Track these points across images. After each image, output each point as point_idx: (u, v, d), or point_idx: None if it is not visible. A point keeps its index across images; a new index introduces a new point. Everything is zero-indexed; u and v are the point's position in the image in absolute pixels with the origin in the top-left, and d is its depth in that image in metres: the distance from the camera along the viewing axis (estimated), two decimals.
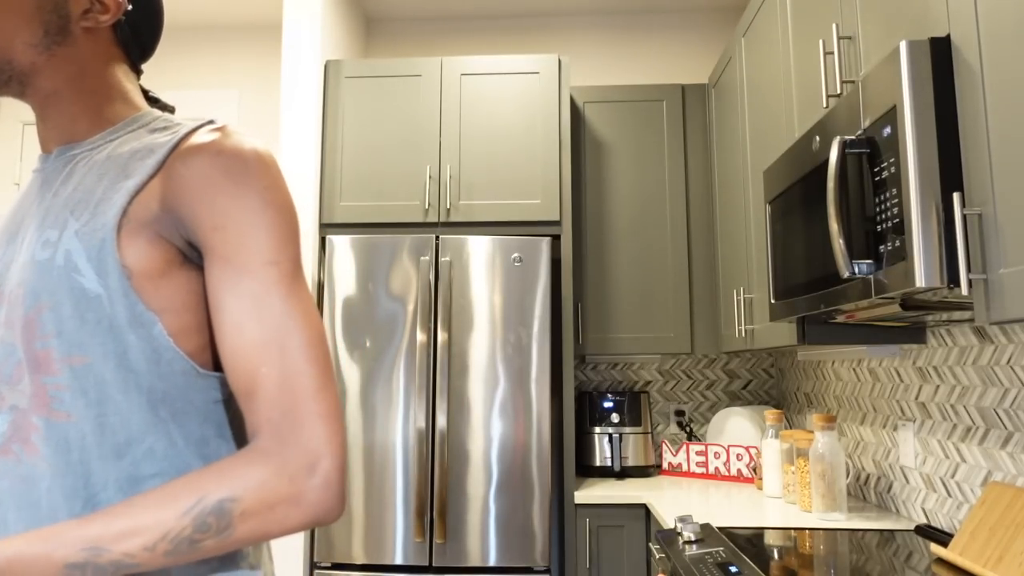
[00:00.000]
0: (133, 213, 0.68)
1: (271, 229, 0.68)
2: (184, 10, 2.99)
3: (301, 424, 0.65)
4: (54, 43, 0.72)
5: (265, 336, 0.66)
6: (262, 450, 0.64)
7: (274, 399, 0.65)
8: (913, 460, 1.77)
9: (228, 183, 0.68)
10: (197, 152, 0.69)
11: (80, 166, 0.74)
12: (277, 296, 0.67)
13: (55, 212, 0.71)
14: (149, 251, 0.68)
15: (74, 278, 0.66)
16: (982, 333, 1.51)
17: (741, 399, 2.85)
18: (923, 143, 1.06)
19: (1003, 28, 0.95)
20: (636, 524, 2.26)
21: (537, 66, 2.47)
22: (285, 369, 0.65)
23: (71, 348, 0.66)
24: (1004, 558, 1.25)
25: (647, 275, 2.65)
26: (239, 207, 0.67)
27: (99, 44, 0.76)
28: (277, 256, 0.68)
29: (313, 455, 0.64)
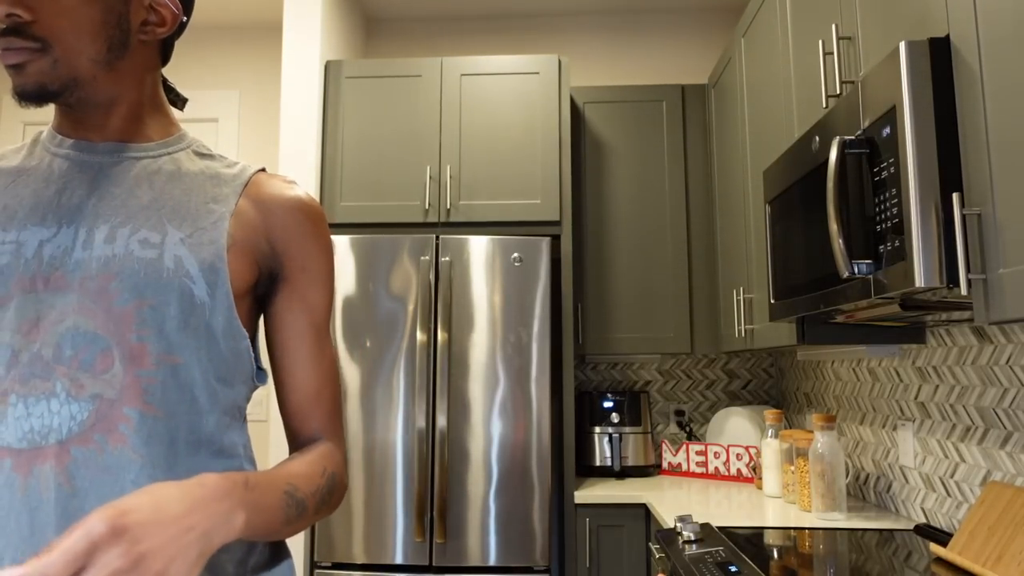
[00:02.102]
0: (235, 234, 0.76)
1: (332, 280, 0.85)
2: None
3: (341, 436, 0.86)
4: (116, 58, 0.75)
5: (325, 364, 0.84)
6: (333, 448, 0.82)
7: (332, 414, 0.84)
8: (912, 460, 1.77)
9: (315, 234, 0.83)
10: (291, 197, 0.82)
11: (146, 172, 0.77)
12: (326, 333, 0.85)
13: (144, 214, 0.73)
14: (248, 272, 0.77)
15: (185, 283, 0.71)
16: (981, 333, 1.52)
17: (741, 399, 2.86)
18: (922, 143, 1.06)
19: (1003, 28, 0.95)
20: (636, 524, 2.26)
21: (537, 66, 2.47)
22: (334, 396, 0.84)
23: (170, 347, 0.70)
24: (1003, 557, 1.26)
25: (647, 275, 2.66)
26: (321, 258, 0.83)
27: (149, 54, 0.80)
28: (330, 301, 0.85)
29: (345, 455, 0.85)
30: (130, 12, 0.75)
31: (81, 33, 0.71)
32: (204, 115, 3.03)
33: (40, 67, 0.70)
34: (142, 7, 0.76)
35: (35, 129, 3.05)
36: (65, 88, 0.72)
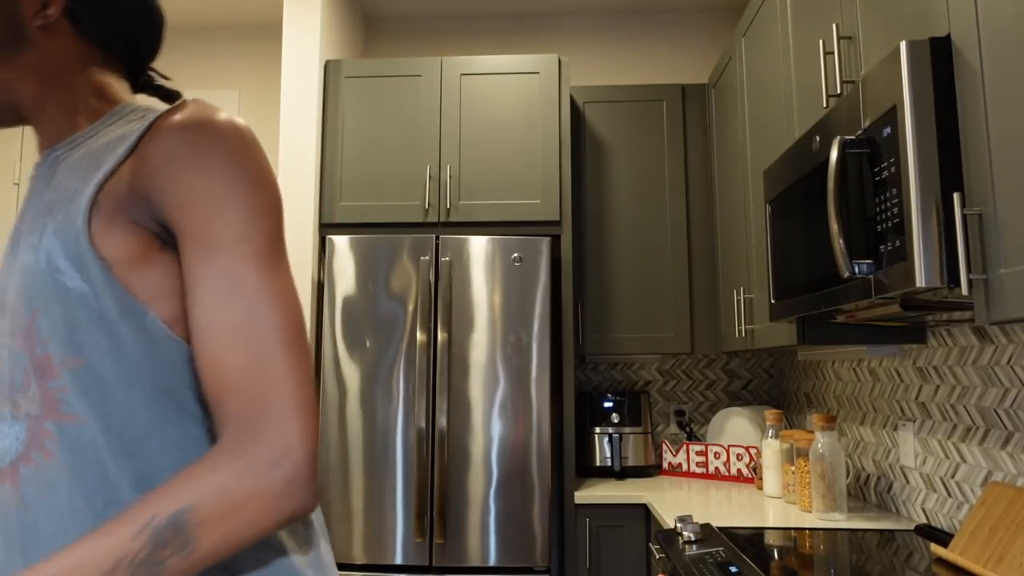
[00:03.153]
0: (103, 202, 0.65)
1: (242, 203, 0.63)
2: (184, 10, 2.99)
3: (268, 414, 0.60)
4: (14, 52, 0.71)
5: (235, 320, 0.61)
6: (224, 450, 0.59)
7: (242, 388, 0.60)
8: (913, 460, 1.77)
9: (194, 157, 0.63)
10: (164, 129, 0.65)
11: (61, 167, 0.72)
12: (250, 275, 0.62)
13: (38, 215, 0.69)
14: (124, 239, 0.64)
15: (57, 279, 0.64)
16: (982, 333, 1.51)
17: (741, 399, 2.85)
18: (923, 143, 1.06)
19: (1003, 28, 0.95)
20: (636, 524, 2.26)
21: (537, 66, 2.47)
22: (255, 355, 0.61)
23: (66, 350, 0.64)
24: (1004, 558, 1.25)
25: (647, 275, 2.65)
26: (205, 182, 0.63)
27: (61, 41, 0.74)
28: (249, 232, 0.63)
29: (281, 447, 0.59)
30: (19, 5, 0.71)
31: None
32: None
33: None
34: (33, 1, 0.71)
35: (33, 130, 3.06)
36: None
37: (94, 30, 0.76)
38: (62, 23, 0.74)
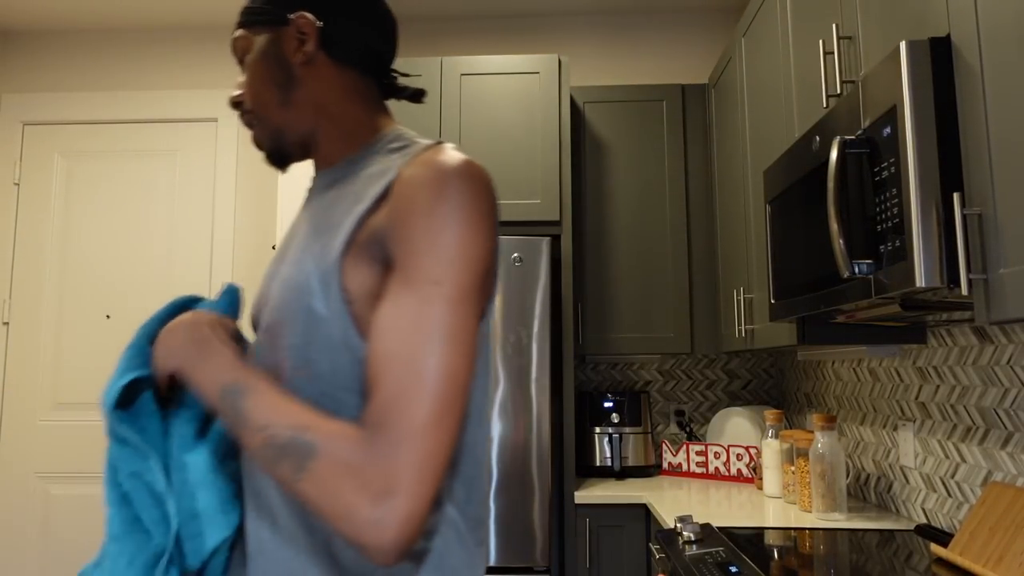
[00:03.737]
0: (358, 238, 0.71)
1: (445, 250, 0.66)
2: (184, 10, 2.99)
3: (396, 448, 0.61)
4: (289, 93, 0.82)
5: (401, 350, 0.63)
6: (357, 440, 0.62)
7: (385, 406, 0.62)
8: (913, 460, 1.77)
9: (424, 199, 0.68)
10: (411, 173, 0.71)
11: (333, 190, 0.80)
12: (430, 315, 0.64)
13: (304, 235, 0.78)
14: (367, 274, 0.70)
15: (307, 299, 0.71)
16: (982, 333, 1.51)
17: (741, 399, 2.85)
18: (923, 143, 1.06)
19: (1003, 28, 0.95)
20: (636, 524, 2.26)
21: (537, 66, 2.47)
22: (404, 389, 0.62)
23: (298, 361, 0.71)
24: (1004, 558, 1.25)
25: (647, 275, 2.65)
26: (425, 223, 0.67)
27: (322, 72, 0.83)
28: (442, 277, 0.65)
29: (389, 486, 0.60)
30: (283, 50, 0.82)
31: (260, 88, 0.82)
32: (204, 115, 3.03)
33: (259, 135, 0.84)
34: (291, 39, 0.82)
35: (34, 129, 3.06)
36: (279, 141, 0.83)
37: (347, 55, 0.83)
38: (320, 56, 0.82)
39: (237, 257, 2.97)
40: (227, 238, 2.96)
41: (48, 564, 2.81)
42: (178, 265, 2.96)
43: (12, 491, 2.86)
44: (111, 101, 3.05)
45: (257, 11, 0.83)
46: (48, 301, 2.95)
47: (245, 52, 0.84)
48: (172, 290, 2.94)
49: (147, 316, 2.92)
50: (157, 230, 2.98)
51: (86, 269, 2.96)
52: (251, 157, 3.03)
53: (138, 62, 3.11)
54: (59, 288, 2.96)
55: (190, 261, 2.96)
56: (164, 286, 2.95)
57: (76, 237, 2.98)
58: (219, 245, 2.96)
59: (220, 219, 2.97)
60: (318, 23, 0.82)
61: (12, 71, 3.13)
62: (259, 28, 0.83)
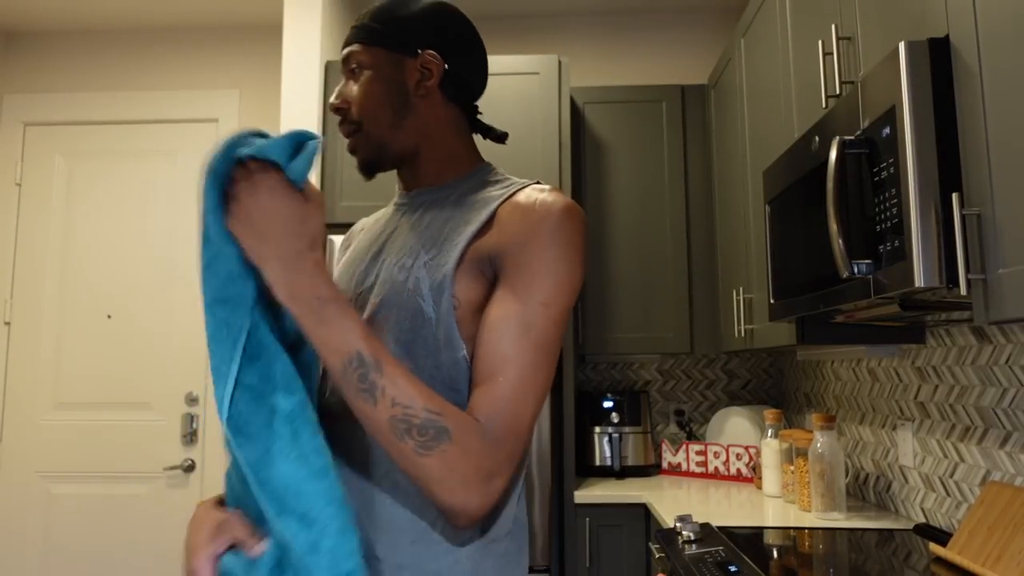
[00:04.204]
0: (468, 254, 0.83)
1: (557, 277, 0.80)
2: (184, 10, 2.99)
3: (505, 442, 0.75)
4: (402, 118, 0.91)
5: (516, 356, 0.76)
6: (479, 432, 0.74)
7: (500, 404, 0.75)
8: (912, 460, 1.78)
9: (541, 233, 0.81)
10: (524, 205, 0.84)
11: (432, 208, 0.92)
12: (537, 330, 0.78)
13: (410, 244, 0.88)
14: (474, 287, 0.82)
15: (417, 300, 0.82)
16: (981, 333, 1.52)
17: (741, 399, 2.86)
18: (922, 143, 1.07)
19: (1002, 28, 0.95)
20: (636, 524, 2.26)
21: (537, 66, 2.47)
22: (519, 397, 0.76)
23: (401, 354, 0.82)
24: (1003, 557, 1.26)
25: (647, 275, 2.66)
26: (540, 253, 0.80)
27: (435, 105, 0.93)
28: (552, 300, 0.79)
29: (496, 470, 0.74)
30: (405, 78, 0.91)
31: (374, 108, 0.90)
32: (204, 115, 3.03)
33: (361, 146, 0.92)
34: (415, 70, 0.91)
35: (35, 130, 3.06)
36: (379, 155, 0.92)
37: (457, 94, 0.94)
38: (436, 92, 0.93)
39: None
40: None
41: (49, 564, 2.82)
42: (178, 265, 2.96)
43: (13, 491, 2.87)
44: (112, 101, 3.05)
45: (387, 35, 0.91)
46: (49, 301, 2.95)
47: (362, 66, 0.91)
48: (172, 290, 2.95)
49: (146, 317, 2.92)
50: (157, 230, 2.98)
51: (87, 269, 2.97)
52: None
53: (138, 62, 3.12)
54: (60, 288, 2.96)
55: (190, 261, 2.96)
56: (164, 286, 2.95)
57: (77, 237, 2.99)
58: None
59: None
60: (444, 65, 0.92)
61: (13, 72, 3.13)
62: (385, 50, 0.91)
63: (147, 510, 2.83)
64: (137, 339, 2.92)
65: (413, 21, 0.92)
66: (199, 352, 2.91)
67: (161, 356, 2.91)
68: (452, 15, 0.94)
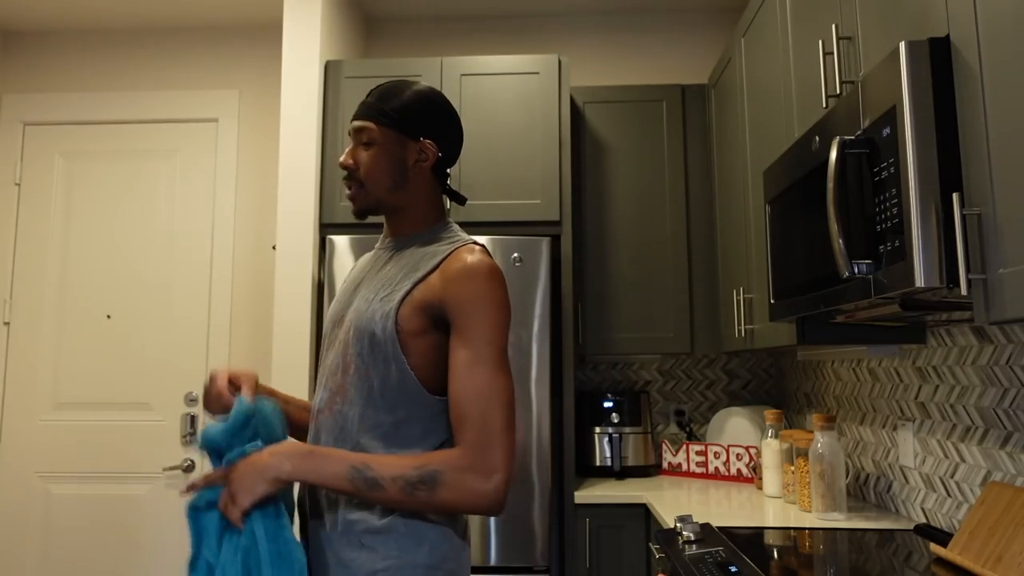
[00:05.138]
0: (413, 294, 1.10)
1: (490, 319, 1.07)
2: (184, 10, 2.99)
3: (490, 447, 1.02)
4: (398, 187, 1.18)
5: (477, 388, 1.04)
6: (464, 455, 1.02)
7: (477, 428, 1.02)
8: (912, 460, 1.77)
9: (472, 286, 1.07)
10: (460, 264, 1.09)
11: (398, 255, 1.19)
12: (486, 365, 1.05)
13: (376, 282, 1.16)
14: (415, 319, 1.10)
15: (372, 325, 1.10)
16: (981, 333, 1.52)
17: (741, 399, 2.85)
18: (922, 143, 1.06)
19: (1002, 28, 0.95)
20: (636, 524, 2.26)
21: (537, 66, 2.47)
22: (485, 412, 1.03)
23: (362, 365, 1.11)
24: (1004, 557, 1.26)
25: (647, 275, 2.66)
26: (474, 302, 1.07)
27: (423, 179, 1.20)
28: (492, 338, 1.06)
29: (493, 469, 1.01)
30: (407, 156, 1.17)
31: (378, 176, 1.17)
32: (204, 115, 3.03)
33: (360, 198, 1.18)
34: (415, 151, 1.17)
35: (35, 130, 3.06)
36: (374, 208, 1.19)
37: (440, 170, 1.22)
38: (427, 170, 1.20)
39: (237, 257, 2.97)
40: (227, 238, 2.96)
41: (48, 564, 2.81)
42: (178, 265, 2.96)
43: (13, 491, 2.86)
44: (111, 101, 3.05)
45: (398, 121, 1.16)
46: (48, 301, 2.95)
47: (373, 141, 1.16)
48: (172, 290, 2.95)
49: (146, 317, 2.92)
50: (157, 230, 2.98)
51: (86, 269, 2.96)
52: (251, 157, 3.03)
53: (138, 62, 3.11)
54: (59, 288, 2.96)
55: (190, 261, 2.96)
56: (164, 286, 2.95)
57: (76, 237, 2.99)
58: (219, 245, 2.96)
59: (220, 219, 2.97)
60: (439, 153, 1.19)
61: (13, 71, 3.13)
62: (394, 132, 1.16)
63: (147, 510, 2.82)
64: (137, 339, 2.92)
65: (419, 114, 1.17)
66: (199, 352, 2.91)
67: (161, 356, 2.91)
68: (447, 110, 1.20)
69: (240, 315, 2.94)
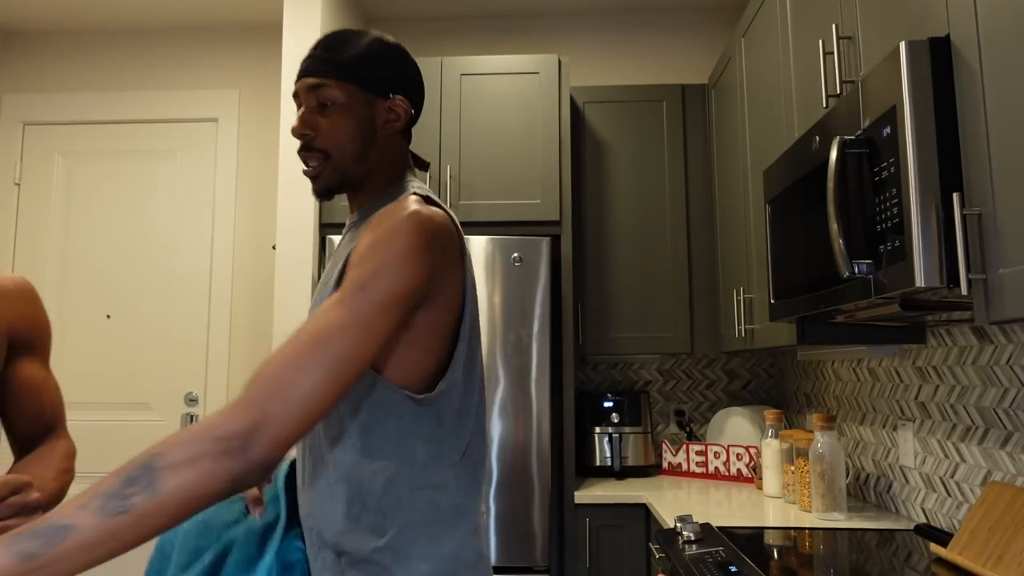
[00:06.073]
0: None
1: (376, 264, 0.83)
2: (184, 10, 2.99)
3: (256, 401, 0.72)
4: (367, 152, 0.99)
5: (302, 335, 0.78)
6: (214, 417, 0.71)
7: (265, 379, 0.74)
8: (913, 460, 1.77)
9: (374, 234, 0.87)
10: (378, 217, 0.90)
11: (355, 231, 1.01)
12: (335, 309, 0.79)
13: (328, 268, 0.99)
14: None
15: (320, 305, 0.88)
16: (982, 333, 1.51)
17: (741, 399, 2.85)
18: (923, 143, 1.06)
19: (1003, 28, 0.95)
20: (636, 524, 2.26)
21: (537, 66, 2.47)
22: (289, 362, 0.75)
23: None
24: (1004, 557, 1.26)
25: (647, 275, 2.66)
26: (372, 247, 0.85)
27: (392, 141, 1.03)
28: (367, 284, 0.81)
29: (255, 425, 0.71)
30: (375, 117, 0.99)
31: (345, 141, 0.97)
32: (204, 115, 3.03)
33: (325, 175, 0.98)
34: (383, 110, 1.00)
35: (34, 129, 3.06)
36: (341, 184, 0.99)
37: (408, 131, 1.05)
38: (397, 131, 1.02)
39: (237, 257, 2.97)
40: (227, 238, 2.96)
41: None
42: (178, 265, 2.96)
43: None
44: (111, 101, 3.05)
45: (360, 75, 0.97)
46: (48, 301, 2.95)
47: (331, 100, 0.96)
48: (172, 290, 2.95)
49: (146, 317, 2.92)
50: (157, 230, 2.98)
51: (86, 269, 2.96)
52: (251, 157, 3.03)
53: (138, 62, 3.11)
54: (59, 288, 2.96)
55: (190, 261, 2.96)
56: (164, 286, 2.95)
57: (76, 237, 2.99)
58: (219, 245, 2.96)
59: (220, 219, 2.97)
60: (412, 111, 1.02)
61: (12, 71, 3.13)
62: (358, 88, 0.97)
63: None
64: (137, 339, 2.92)
65: (386, 65, 0.99)
66: (199, 352, 2.91)
67: (161, 356, 2.91)
68: (410, 61, 1.03)
69: (240, 315, 2.94)
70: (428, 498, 0.90)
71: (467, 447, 0.95)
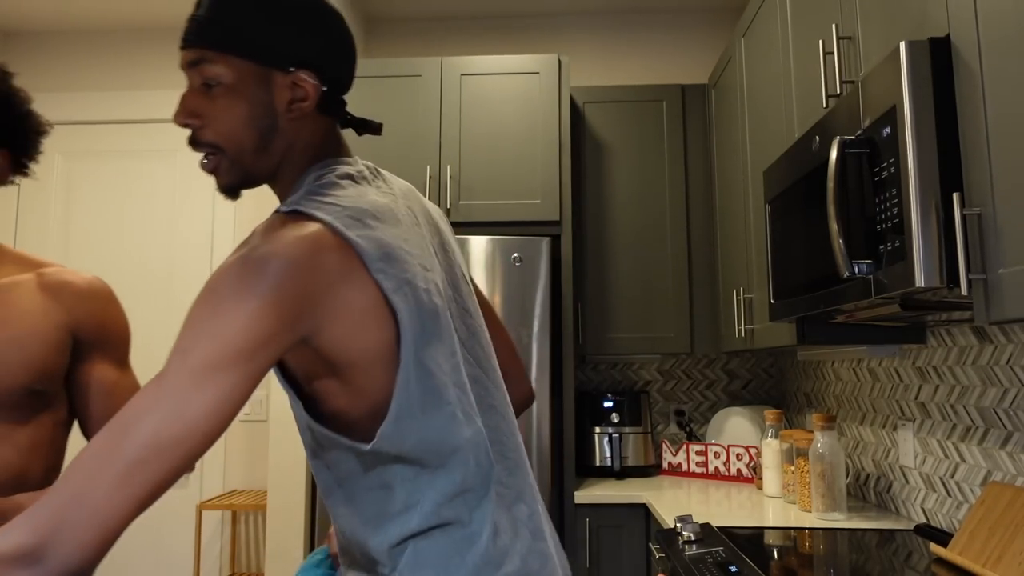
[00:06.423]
0: None
1: (200, 319, 0.66)
2: (184, 10, 2.99)
3: (50, 502, 0.59)
4: (269, 141, 0.80)
5: (114, 422, 0.63)
6: (8, 528, 0.58)
7: (66, 482, 0.60)
8: (913, 460, 1.77)
9: (206, 284, 0.69)
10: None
11: None
12: (154, 379, 0.64)
13: None
14: None
15: None
16: (982, 333, 1.52)
17: (741, 399, 2.85)
18: (923, 143, 1.06)
19: (1003, 28, 0.95)
20: (636, 524, 2.26)
21: (537, 66, 2.47)
22: (95, 456, 0.61)
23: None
24: (1004, 557, 1.26)
25: (647, 275, 2.65)
26: (195, 305, 0.67)
27: (305, 123, 0.82)
28: (188, 345, 0.64)
29: (40, 539, 0.57)
30: (274, 98, 0.79)
31: (238, 131, 0.78)
32: None
33: (223, 170, 0.80)
34: (285, 88, 0.79)
35: None
36: (244, 181, 0.81)
37: (332, 108, 0.84)
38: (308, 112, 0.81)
39: None
40: (227, 238, 2.96)
41: None
42: (178, 265, 2.96)
43: None
44: (111, 101, 3.05)
45: (249, 42, 0.76)
46: None
47: (215, 78, 0.76)
48: (172, 290, 2.95)
49: (147, 317, 2.93)
50: (157, 230, 2.98)
51: (86, 269, 2.96)
52: None
53: (138, 62, 3.11)
54: None
55: (190, 261, 2.96)
56: (164, 286, 2.95)
57: (76, 237, 2.99)
58: (219, 245, 2.96)
59: (220, 219, 2.97)
60: (323, 87, 0.81)
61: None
62: (248, 62, 0.77)
63: (147, 510, 2.82)
64: (137, 339, 2.92)
65: (281, 25, 0.77)
66: None
67: (161, 356, 2.91)
68: (322, 14, 0.80)
69: None
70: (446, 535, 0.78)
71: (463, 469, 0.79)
